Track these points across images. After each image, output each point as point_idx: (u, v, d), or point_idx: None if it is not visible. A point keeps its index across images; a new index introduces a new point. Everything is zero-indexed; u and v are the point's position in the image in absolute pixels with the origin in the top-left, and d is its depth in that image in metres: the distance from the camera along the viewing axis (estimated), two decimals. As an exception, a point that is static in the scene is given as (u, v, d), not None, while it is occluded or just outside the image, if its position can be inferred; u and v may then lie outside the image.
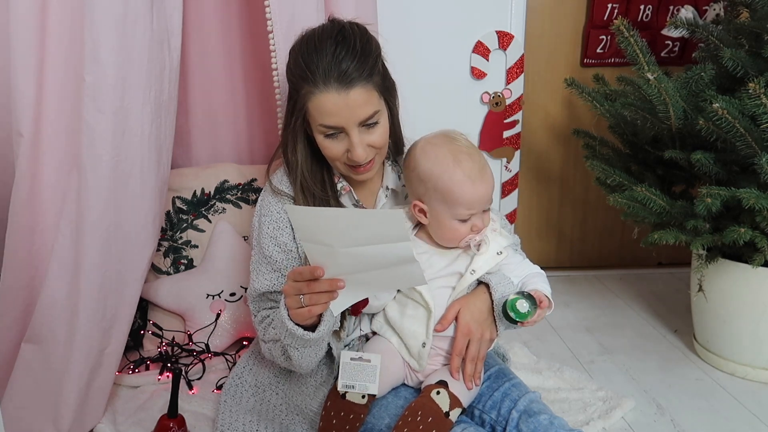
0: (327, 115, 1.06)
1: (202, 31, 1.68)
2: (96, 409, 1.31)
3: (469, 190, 1.05)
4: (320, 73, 1.04)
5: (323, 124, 1.07)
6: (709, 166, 1.42)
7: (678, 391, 1.48)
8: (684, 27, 1.57)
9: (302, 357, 1.07)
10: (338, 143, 1.10)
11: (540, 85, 2.19)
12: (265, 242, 1.18)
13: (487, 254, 1.11)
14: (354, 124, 1.07)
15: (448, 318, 1.10)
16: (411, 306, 1.12)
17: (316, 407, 1.16)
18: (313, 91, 1.05)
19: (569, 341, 1.76)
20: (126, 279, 1.30)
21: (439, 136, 1.11)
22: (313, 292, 0.93)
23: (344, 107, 1.05)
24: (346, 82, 1.03)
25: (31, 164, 1.23)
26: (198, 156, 1.79)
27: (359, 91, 1.05)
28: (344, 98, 1.04)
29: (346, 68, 1.03)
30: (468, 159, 1.06)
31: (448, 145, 1.09)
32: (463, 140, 1.11)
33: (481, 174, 1.06)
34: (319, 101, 1.05)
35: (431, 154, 1.08)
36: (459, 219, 1.08)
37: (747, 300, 1.50)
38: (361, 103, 1.05)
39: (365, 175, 1.16)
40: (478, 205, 1.07)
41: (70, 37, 1.19)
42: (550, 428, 1.04)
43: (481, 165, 1.07)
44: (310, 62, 1.05)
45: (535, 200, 2.32)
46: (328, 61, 1.04)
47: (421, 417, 1.01)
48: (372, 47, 1.09)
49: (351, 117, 1.06)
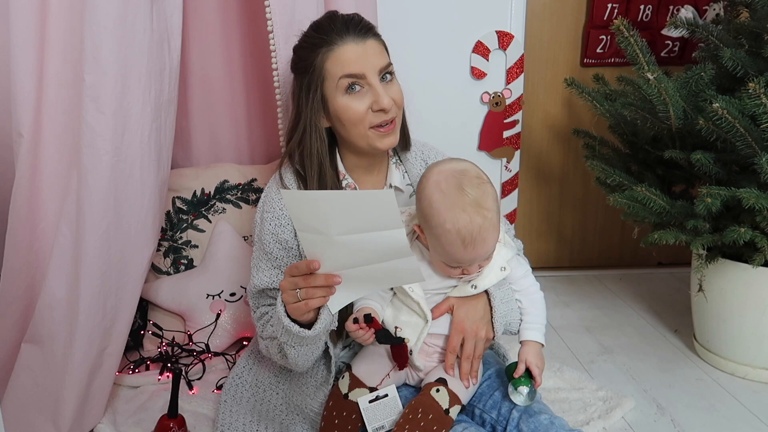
0: (347, 63, 1.09)
1: (202, 31, 1.68)
2: (96, 409, 1.31)
3: (460, 252, 1.00)
4: (336, 31, 1.10)
5: (345, 73, 1.09)
6: (709, 166, 1.42)
7: (678, 391, 1.48)
8: (684, 27, 1.57)
9: (298, 355, 1.07)
10: (361, 99, 1.10)
11: (540, 85, 2.19)
12: (267, 238, 1.18)
13: (491, 270, 1.09)
14: (374, 71, 1.10)
15: (441, 309, 1.10)
16: (405, 312, 1.11)
17: (316, 407, 1.16)
18: (331, 48, 1.10)
19: (569, 341, 1.76)
20: (126, 279, 1.30)
21: (450, 179, 1.01)
22: (309, 286, 0.92)
23: (362, 54, 1.09)
24: (362, 33, 1.10)
25: (31, 164, 1.23)
26: (198, 156, 1.79)
27: (374, 42, 1.11)
28: (362, 46, 1.09)
29: (359, 21, 1.12)
30: (468, 221, 0.97)
31: (453, 196, 0.99)
32: (474, 191, 0.99)
33: (476, 240, 0.98)
34: (338, 54, 1.09)
35: (434, 199, 1.01)
36: (448, 264, 1.05)
37: (747, 300, 1.50)
38: (377, 51, 1.11)
39: (389, 139, 1.14)
40: (469, 263, 1.04)
41: (70, 37, 1.19)
42: (550, 428, 1.04)
43: (481, 229, 0.98)
44: (322, 30, 1.12)
45: (535, 200, 2.32)
46: (340, 22, 1.11)
47: (422, 415, 1.01)
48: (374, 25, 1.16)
49: (371, 63, 1.10)
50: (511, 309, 1.13)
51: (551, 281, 2.25)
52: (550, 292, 2.12)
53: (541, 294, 1.16)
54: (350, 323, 1.02)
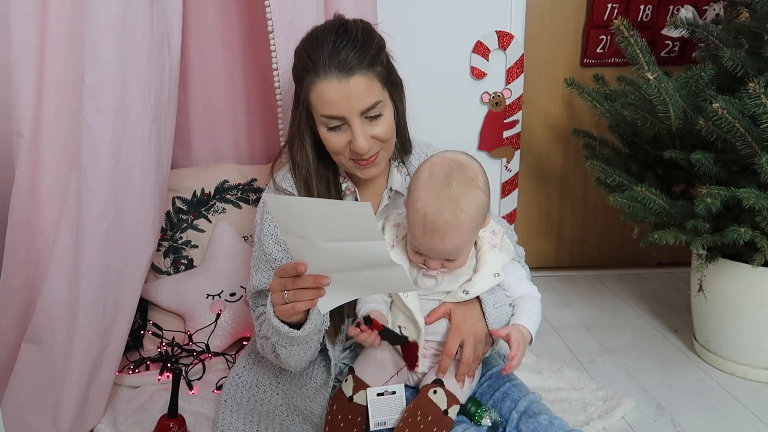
0: (328, 104, 1.05)
1: (202, 31, 1.68)
2: (96, 409, 1.31)
3: (419, 236, 1.00)
4: (321, 62, 1.04)
5: (324, 114, 1.06)
6: (709, 166, 1.42)
7: (678, 391, 1.48)
8: (684, 27, 1.57)
9: (290, 355, 1.07)
10: (341, 135, 1.08)
11: (540, 85, 2.19)
12: (266, 240, 1.18)
13: (483, 276, 1.08)
14: (355, 113, 1.05)
15: (437, 313, 1.08)
16: (401, 318, 1.11)
17: (316, 409, 1.16)
18: (314, 80, 1.05)
19: (569, 341, 1.76)
20: (126, 279, 1.30)
21: (445, 163, 1.01)
22: (297, 288, 0.92)
23: (344, 96, 1.04)
24: (345, 70, 1.03)
25: (31, 164, 1.23)
26: (198, 156, 1.79)
27: (360, 80, 1.04)
28: (344, 86, 1.03)
29: (346, 56, 1.03)
30: (438, 210, 0.97)
31: (437, 182, 0.99)
32: (459, 186, 0.98)
33: (436, 232, 0.98)
34: (320, 90, 1.05)
35: (421, 177, 1.02)
36: (413, 249, 1.05)
37: (747, 300, 1.50)
38: (362, 91, 1.04)
39: (371, 171, 1.14)
40: (428, 253, 1.03)
41: (70, 37, 1.19)
42: (550, 429, 1.04)
43: (447, 225, 0.97)
44: (312, 53, 1.06)
45: (535, 200, 2.32)
46: (328, 51, 1.04)
47: (421, 417, 1.01)
48: (374, 39, 1.09)
49: (352, 106, 1.05)
50: (504, 314, 1.11)
51: (551, 281, 2.25)
52: (550, 292, 2.12)
53: (538, 296, 1.14)
54: (352, 328, 1.01)
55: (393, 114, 1.13)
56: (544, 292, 1.16)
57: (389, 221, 1.15)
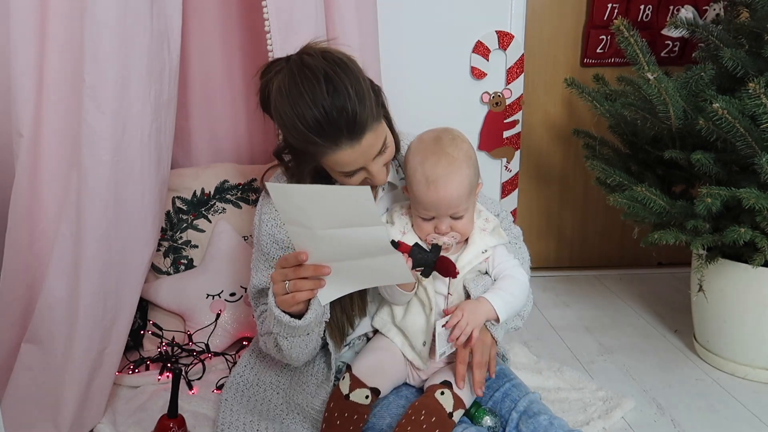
0: (344, 165, 1.05)
1: (202, 31, 1.68)
2: (96, 409, 1.31)
3: (423, 191, 1.05)
4: (329, 138, 1.01)
5: (343, 171, 1.07)
6: (709, 166, 1.42)
7: (678, 391, 1.48)
8: (684, 27, 1.57)
9: (291, 347, 1.08)
10: (358, 176, 1.09)
11: (540, 85, 2.19)
12: (264, 240, 1.19)
13: (470, 252, 1.12)
14: (370, 159, 1.07)
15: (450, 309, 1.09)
16: (414, 302, 1.13)
17: (317, 406, 1.16)
18: (325, 151, 1.03)
19: (569, 341, 1.76)
20: (126, 279, 1.30)
21: (431, 132, 1.11)
22: (297, 277, 0.94)
23: (360, 154, 1.04)
24: (356, 135, 1.02)
25: (31, 164, 1.23)
26: (198, 156, 1.79)
27: (369, 135, 1.04)
28: (358, 148, 1.03)
29: (352, 124, 1.00)
30: (434, 163, 1.05)
31: (427, 144, 1.08)
32: (447, 142, 1.07)
33: (438, 180, 1.04)
34: (335, 159, 1.04)
35: (412, 148, 1.10)
36: (421, 217, 1.09)
37: (747, 300, 1.50)
38: (373, 142, 1.05)
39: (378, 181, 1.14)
40: (434, 209, 1.07)
41: (70, 36, 1.19)
42: (549, 429, 1.04)
43: (446, 171, 1.04)
44: (312, 131, 1.00)
45: (535, 200, 2.32)
46: (331, 127, 0.99)
47: (425, 416, 1.01)
48: (362, 82, 1.03)
49: (368, 156, 1.06)
50: None
51: (551, 281, 2.25)
52: (550, 292, 2.12)
53: (522, 279, 1.14)
54: None
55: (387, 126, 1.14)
56: (544, 292, 1.17)
57: (396, 212, 1.18)
